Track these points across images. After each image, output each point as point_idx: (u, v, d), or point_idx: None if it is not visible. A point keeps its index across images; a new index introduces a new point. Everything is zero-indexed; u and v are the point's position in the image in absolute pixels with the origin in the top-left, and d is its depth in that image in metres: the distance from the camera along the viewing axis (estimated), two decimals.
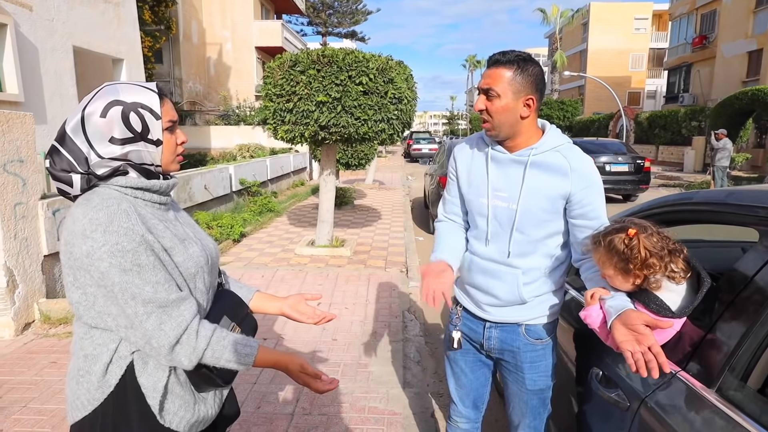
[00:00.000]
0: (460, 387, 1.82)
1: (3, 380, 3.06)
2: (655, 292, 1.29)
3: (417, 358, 3.45)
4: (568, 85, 42.99)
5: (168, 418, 1.10)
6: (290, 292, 4.77)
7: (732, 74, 22.53)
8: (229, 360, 1.11)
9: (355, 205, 10.24)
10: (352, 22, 31.18)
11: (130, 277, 1.00)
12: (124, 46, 10.88)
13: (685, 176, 17.67)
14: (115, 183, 1.08)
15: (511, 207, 1.52)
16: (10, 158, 3.68)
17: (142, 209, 1.09)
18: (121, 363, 1.07)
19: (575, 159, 1.49)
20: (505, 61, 1.44)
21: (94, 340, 1.08)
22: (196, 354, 1.07)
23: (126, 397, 1.08)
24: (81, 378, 1.09)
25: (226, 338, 1.12)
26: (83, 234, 0.99)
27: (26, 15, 8.05)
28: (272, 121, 5.33)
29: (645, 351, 1.16)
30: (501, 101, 1.44)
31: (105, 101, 1.08)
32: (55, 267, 4.18)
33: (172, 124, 1.16)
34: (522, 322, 1.60)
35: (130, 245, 1.00)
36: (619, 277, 1.34)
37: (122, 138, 1.07)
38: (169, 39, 16.94)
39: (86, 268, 1.01)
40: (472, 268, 1.65)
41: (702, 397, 1.11)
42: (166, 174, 1.19)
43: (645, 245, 1.29)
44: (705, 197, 1.48)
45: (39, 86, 8.34)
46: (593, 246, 1.41)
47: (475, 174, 1.61)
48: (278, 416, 2.67)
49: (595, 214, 1.49)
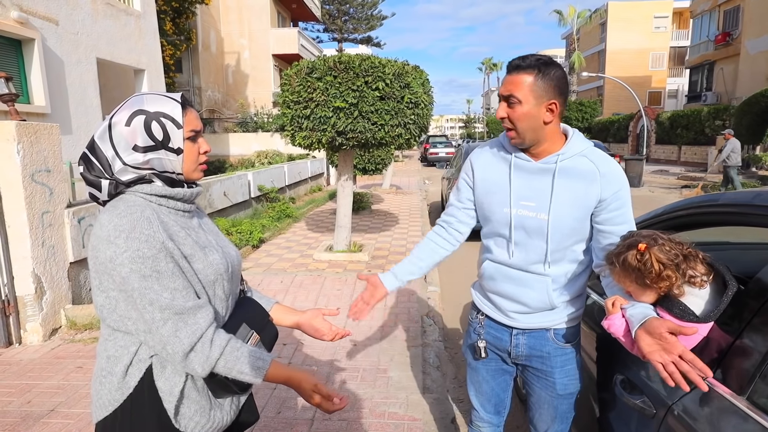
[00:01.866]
0: (480, 394, 1.80)
1: (32, 384, 3.14)
2: (679, 298, 1.26)
3: (436, 363, 3.43)
4: (587, 86, 42.46)
5: (183, 422, 1.12)
6: (309, 297, 4.79)
7: (757, 71, 21.95)
8: (241, 371, 1.11)
9: (373, 209, 10.25)
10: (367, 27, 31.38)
11: (149, 283, 1.03)
12: (146, 57, 11.13)
13: (709, 176, 17.24)
14: (140, 190, 1.12)
15: (540, 217, 1.47)
16: (38, 168, 3.79)
17: (165, 216, 1.12)
18: (141, 366, 1.10)
19: (603, 163, 1.45)
20: (525, 66, 1.40)
21: (116, 342, 1.12)
22: (209, 363, 1.08)
23: (143, 399, 1.10)
24: (103, 378, 1.13)
25: (240, 349, 1.12)
26: (107, 239, 1.03)
27: (52, 29, 8.30)
28: (290, 127, 5.38)
29: (677, 361, 1.11)
30: (523, 108, 1.40)
31: (130, 111, 1.12)
32: (80, 274, 4.28)
33: (195, 133, 1.18)
34: (550, 327, 1.57)
35: (151, 252, 1.03)
36: (640, 291, 1.31)
37: (144, 146, 1.11)
38: (188, 48, 17.27)
39: (109, 273, 1.05)
40: (496, 277, 1.60)
41: (732, 404, 1.08)
42: (189, 182, 1.21)
43: (657, 258, 1.25)
44: (731, 199, 1.45)
45: (65, 98, 8.58)
46: (609, 267, 1.38)
47: (494, 182, 1.56)
48: (298, 421, 2.68)
49: (622, 219, 1.45)
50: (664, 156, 25.48)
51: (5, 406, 2.88)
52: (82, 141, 8.93)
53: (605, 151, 12.29)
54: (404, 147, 5.90)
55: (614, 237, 1.44)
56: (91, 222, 4.34)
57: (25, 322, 3.79)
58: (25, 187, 3.66)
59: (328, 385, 3.07)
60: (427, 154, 27.79)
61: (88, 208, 4.31)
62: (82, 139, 8.94)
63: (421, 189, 14.42)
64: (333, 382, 3.12)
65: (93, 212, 4.37)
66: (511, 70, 1.43)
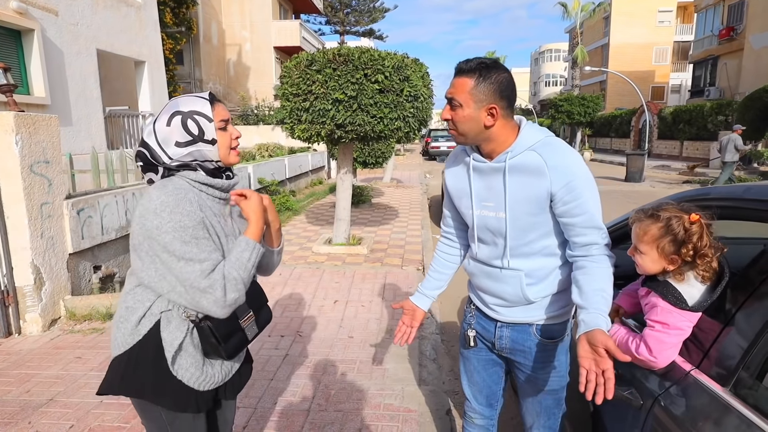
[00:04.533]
0: (472, 384, 1.82)
1: (31, 374, 3.17)
2: (675, 285, 1.28)
3: (433, 355, 3.45)
4: (590, 80, 42.25)
5: (180, 372, 1.32)
6: (307, 289, 4.81)
7: (761, 66, 21.80)
8: (251, 263, 1.34)
9: (373, 203, 10.26)
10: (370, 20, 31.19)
11: (189, 247, 1.24)
12: (146, 49, 11.11)
13: (710, 172, 17.20)
14: (187, 176, 1.34)
15: (499, 216, 1.51)
16: (37, 159, 3.79)
17: (203, 201, 1.34)
18: (152, 319, 1.31)
19: (550, 155, 1.42)
20: (467, 70, 1.41)
21: (135, 296, 1.34)
22: (237, 283, 1.29)
23: (149, 346, 1.31)
24: (120, 324, 1.35)
25: (238, 259, 1.32)
26: (154, 211, 1.24)
27: (52, 20, 8.28)
28: (289, 120, 5.38)
29: (599, 374, 1.19)
30: (464, 111, 1.42)
31: (169, 113, 1.34)
32: (80, 265, 4.30)
33: (225, 123, 1.38)
34: (533, 322, 1.59)
35: (191, 223, 1.25)
36: (656, 257, 1.32)
37: (184, 141, 1.32)
38: (189, 40, 17.22)
39: (155, 238, 1.24)
40: (476, 272, 1.68)
41: (716, 395, 1.09)
42: (228, 171, 1.43)
43: (705, 233, 1.28)
44: (722, 192, 1.45)
45: (65, 89, 8.57)
46: (647, 218, 1.38)
47: (461, 187, 1.62)
48: (294, 412, 2.71)
49: (579, 210, 1.42)
50: (666, 151, 25.39)
51: (4, 396, 2.90)
52: (82, 132, 8.94)
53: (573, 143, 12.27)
54: (404, 140, 5.89)
55: (576, 228, 1.43)
56: (90, 213, 4.35)
57: (25, 312, 3.82)
58: (24, 178, 3.68)
59: (324, 377, 3.10)
60: (428, 148, 27.73)
61: (87, 200, 4.33)
62: (82, 130, 8.94)
63: (422, 183, 14.41)
64: (330, 374, 3.14)
65: (92, 204, 4.38)
66: (455, 73, 1.45)
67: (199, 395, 1.37)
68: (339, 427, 2.56)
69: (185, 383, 1.33)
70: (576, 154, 1.48)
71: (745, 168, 17.59)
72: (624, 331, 1.41)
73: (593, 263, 1.41)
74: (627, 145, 28.73)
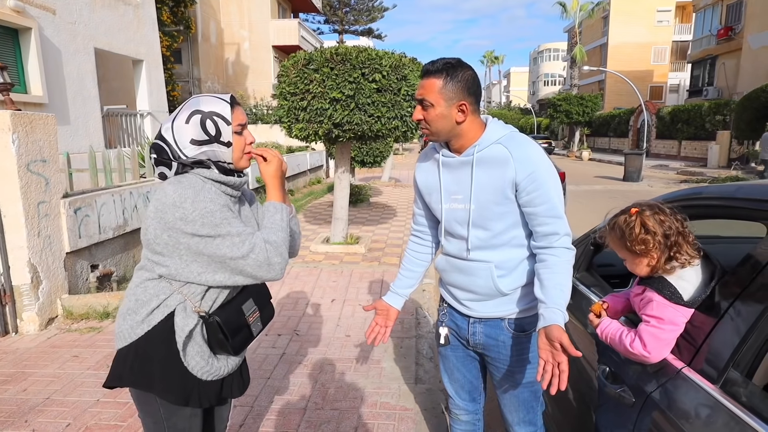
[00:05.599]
0: (453, 381, 1.85)
1: (28, 373, 3.17)
2: (670, 280, 1.31)
3: (429, 354, 3.46)
4: (588, 80, 42.29)
5: (187, 359, 1.35)
6: (304, 288, 4.82)
7: (759, 66, 21.84)
8: (285, 224, 1.39)
9: (371, 202, 10.26)
10: (368, 19, 31.19)
11: (221, 227, 1.27)
12: (144, 48, 11.09)
13: (708, 171, 17.24)
14: (200, 173, 1.35)
15: (466, 207, 1.56)
16: (34, 158, 3.79)
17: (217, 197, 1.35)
18: (165, 310, 1.33)
19: (516, 148, 1.50)
20: (434, 71, 1.47)
21: (147, 289, 1.35)
22: (278, 246, 1.33)
23: (158, 338, 1.33)
24: (128, 316, 1.37)
25: (273, 224, 1.37)
26: (174, 204, 1.26)
27: (49, 18, 8.27)
28: (287, 119, 5.38)
29: (555, 366, 1.30)
30: (436, 110, 1.48)
31: (189, 111, 1.34)
32: (77, 264, 4.30)
33: (242, 127, 1.39)
34: (505, 316, 1.61)
35: (216, 207, 1.28)
36: (630, 258, 1.38)
37: (200, 140, 1.33)
38: (187, 39, 17.20)
39: (180, 228, 1.26)
40: (447, 268, 1.71)
41: (706, 393, 1.10)
42: (238, 171, 1.43)
43: (643, 222, 1.34)
44: (714, 192, 1.46)
45: (62, 88, 8.56)
46: (609, 231, 1.45)
47: (431, 183, 1.67)
48: (291, 410, 2.71)
49: (540, 200, 1.48)
50: (665, 151, 25.43)
51: (1, 394, 2.91)
52: (80, 131, 8.92)
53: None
54: (401, 140, 5.90)
55: (539, 218, 1.49)
56: (87, 212, 4.35)
57: (22, 311, 3.82)
58: (21, 177, 3.67)
59: (321, 376, 3.11)
60: None
61: (85, 199, 4.33)
62: (80, 129, 8.93)
63: None
64: (327, 373, 3.15)
65: (89, 203, 4.38)
66: (423, 75, 1.51)
67: (202, 391, 1.38)
68: (335, 426, 2.57)
69: (191, 372, 1.35)
70: (539, 147, 1.55)
71: (743, 168, 17.64)
72: (616, 325, 1.42)
73: (554, 257, 1.48)
74: (625, 145, 28.78)
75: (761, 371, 1.05)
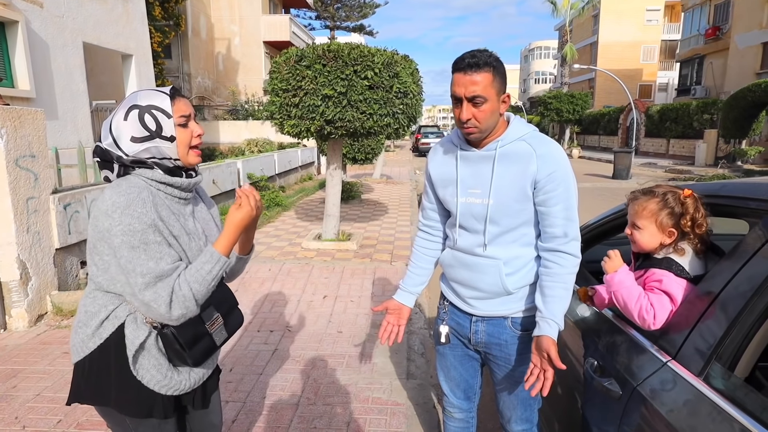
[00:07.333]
0: (449, 379, 1.84)
1: (18, 369, 3.15)
2: (678, 260, 1.40)
3: (421, 350, 3.49)
4: (578, 78, 42.55)
5: (141, 372, 1.28)
6: (296, 285, 4.83)
7: (745, 66, 22.16)
8: (212, 276, 1.27)
9: (363, 199, 10.27)
10: (360, 15, 31.04)
11: (136, 254, 1.19)
12: (133, 42, 10.97)
13: (696, 170, 17.45)
14: (143, 174, 1.27)
15: (484, 202, 1.53)
16: (22, 154, 3.76)
17: (161, 200, 1.28)
18: (115, 321, 1.27)
19: (540, 145, 1.49)
20: (483, 64, 1.41)
21: (95, 300, 1.29)
22: (188, 299, 1.23)
23: (110, 350, 1.27)
24: (79, 329, 1.31)
25: (198, 271, 1.26)
26: (106, 213, 1.19)
27: (37, 12, 8.15)
28: (278, 115, 5.37)
29: (542, 371, 1.40)
30: (489, 105, 1.43)
31: (126, 107, 1.27)
32: (66, 260, 4.27)
33: (185, 119, 1.30)
34: (508, 315, 1.61)
35: (141, 227, 1.19)
36: (655, 230, 1.44)
37: (140, 137, 1.26)
38: (177, 34, 17.02)
39: (105, 240, 1.21)
40: (453, 263, 1.68)
41: (690, 385, 1.13)
42: (189, 170, 1.34)
43: (700, 206, 1.41)
44: (699, 190, 1.49)
45: (50, 82, 8.45)
46: (643, 195, 1.49)
47: (446, 176, 1.63)
48: (283, 406, 2.73)
49: (556, 201, 1.47)
50: (653, 149, 25.70)
51: None
52: (68, 126, 8.82)
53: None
54: (393, 137, 5.90)
55: (551, 218, 1.49)
56: (77, 208, 4.32)
57: (11, 307, 3.78)
58: (9, 173, 3.64)
59: (313, 372, 3.12)
60: (418, 145, 27.77)
61: (74, 195, 4.29)
62: (68, 124, 8.83)
63: (412, 179, 14.44)
64: (319, 369, 3.17)
65: (79, 198, 4.35)
66: (468, 70, 1.41)
67: (166, 400, 1.32)
68: (328, 421, 2.59)
69: (147, 386, 1.28)
70: (562, 149, 1.53)
71: (729, 166, 17.88)
72: (633, 281, 1.46)
73: (558, 265, 1.49)
74: (615, 143, 29.03)
75: (743, 364, 1.09)
